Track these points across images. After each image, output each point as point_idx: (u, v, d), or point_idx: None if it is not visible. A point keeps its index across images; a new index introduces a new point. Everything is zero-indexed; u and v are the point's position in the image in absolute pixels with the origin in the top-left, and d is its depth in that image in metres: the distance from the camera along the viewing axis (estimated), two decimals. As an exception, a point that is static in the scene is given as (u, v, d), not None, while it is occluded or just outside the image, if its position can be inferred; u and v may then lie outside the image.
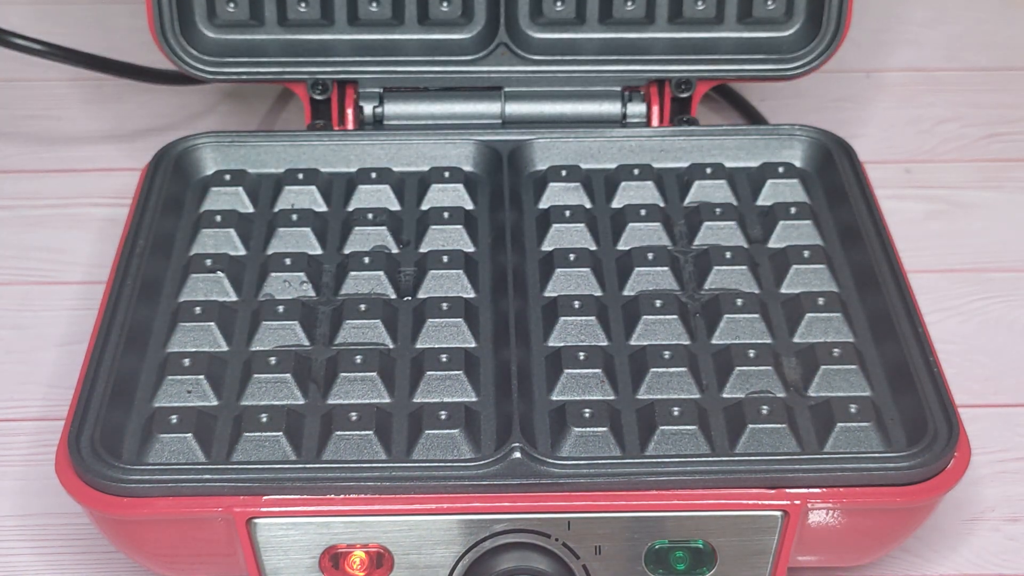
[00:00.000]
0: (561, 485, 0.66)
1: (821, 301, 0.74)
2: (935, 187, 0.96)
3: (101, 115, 1.02)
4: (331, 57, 0.88)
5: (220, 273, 0.77)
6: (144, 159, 0.85)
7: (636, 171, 0.83)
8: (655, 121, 0.87)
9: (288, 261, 0.77)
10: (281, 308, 0.74)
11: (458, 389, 0.71)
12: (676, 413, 0.69)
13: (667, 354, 0.72)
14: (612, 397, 0.71)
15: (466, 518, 0.66)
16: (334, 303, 0.76)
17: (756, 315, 0.74)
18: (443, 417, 0.69)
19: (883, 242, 0.77)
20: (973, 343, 0.85)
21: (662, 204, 0.82)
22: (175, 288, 0.77)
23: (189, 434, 0.68)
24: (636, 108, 0.87)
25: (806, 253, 0.77)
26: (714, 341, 0.74)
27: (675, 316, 0.74)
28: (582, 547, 0.66)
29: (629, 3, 0.87)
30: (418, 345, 0.74)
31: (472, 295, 0.77)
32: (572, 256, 0.78)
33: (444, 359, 0.72)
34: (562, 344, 0.73)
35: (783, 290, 0.77)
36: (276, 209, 0.82)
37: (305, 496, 0.65)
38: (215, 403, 0.71)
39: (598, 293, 0.77)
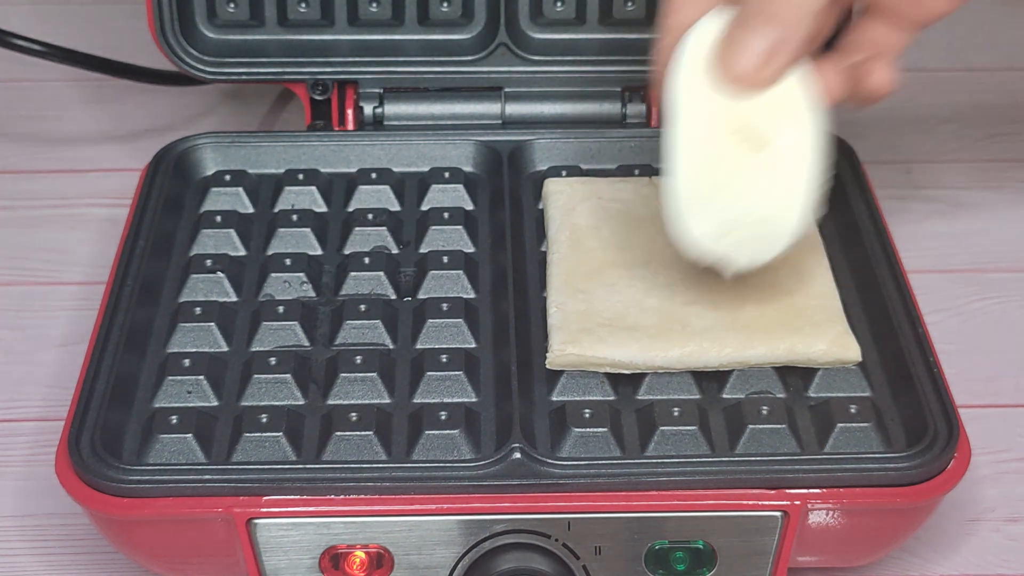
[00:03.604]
0: (561, 485, 0.66)
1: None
2: (935, 187, 0.96)
3: (101, 115, 1.02)
4: (331, 57, 0.88)
5: (220, 273, 0.77)
6: (144, 159, 0.85)
7: (636, 171, 0.83)
8: (655, 121, 0.87)
9: (288, 261, 0.77)
10: (281, 308, 0.74)
11: (458, 389, 0.71)
12: (676, 413, 0.69)
13: (667, 354, 0.72)
14: (612, 397, 0.71)
15: (466, 518, 0.66)
16: (334, 303, 0.76)
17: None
18: (443, 417, 0.69)
19: (883, 242, 0.77)
20: (973, 343, 0.85)
21: (662, 204, 0.82)
22: (175, 288, 0.77)
23: (189, 434, 0.68)
24: (636, 108, 0.87)
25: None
26: (714, 341, 0.74)
27: (675, 316, 0.74)
28: (582, 547, 0.66)
29: (629, 3, 0.87)
30: (418, 345, 0.74)
31: (472, 295, 0.77)
32: (572, 256, 0.78)
33: (444, 359, 0.72)
34: (562, 344, 0.73)
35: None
36: (276, 209, 0.82)
37: (305, 496, 0.65)
38: (215, 403, 0.71)
39: (598, 293, 0.77)
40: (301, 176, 0.83)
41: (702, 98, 0.66)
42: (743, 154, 0.66)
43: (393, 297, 0.77)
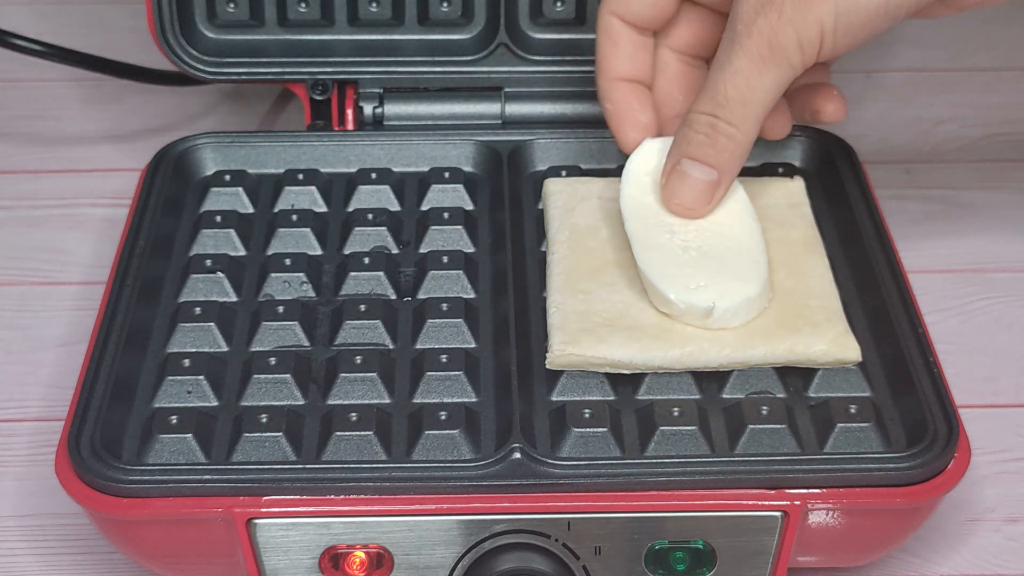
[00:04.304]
0: (561, 485, 0.66)
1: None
2: (935, 187, 0.96)
3: (101, 115, 1.02)
4: (331, 57, 0.88)
5: (220, 273, 0.77)
6: (144, 159, 0.85)
7: (636, 171, 0.83)
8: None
9: (288, 261, 0.77)
10: (281, 308, 0.74)
11: (458, 389, 0.71)
12: (676, 413, 0.69)
13: (667, 354, 0.72)
14: (612, 397, 0.71)
15: (466, 518, 0.66)
16: (334, 303, 0.76)
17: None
18: (443, 417, 0.69)
19: (883, 242, 0.77)
20: (973, 343, 0.85)
21: (662, 204, 0.82)
22: (175, 288, 0.77)
23: (189, 434, 0.68)
24: (636, 108, 0.87)
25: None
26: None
27: (675, 316, 0.74)
28: (582, 547, 0.66)
29: (629, 3, 0.87)
30: (418, 345, 0.74)
31: (472, 295, 0.77)
32: (572, 256, 0.78)
33: (444, 359, 0.72)
34: (562, 344, 0.73)
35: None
36: (276, 209, 0.82)
37: (305, 496, 0.65)
38: (215, 403, 0.71)
39: (598, 293, 0.77)
40: (301, 176, 0.83)
41: (646, 206, 0.74)
42: (686, 238, 0.73)
43: (393, 297, 0.77)
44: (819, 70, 0.79)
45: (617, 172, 0.83)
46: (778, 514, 0.66)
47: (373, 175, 0.83)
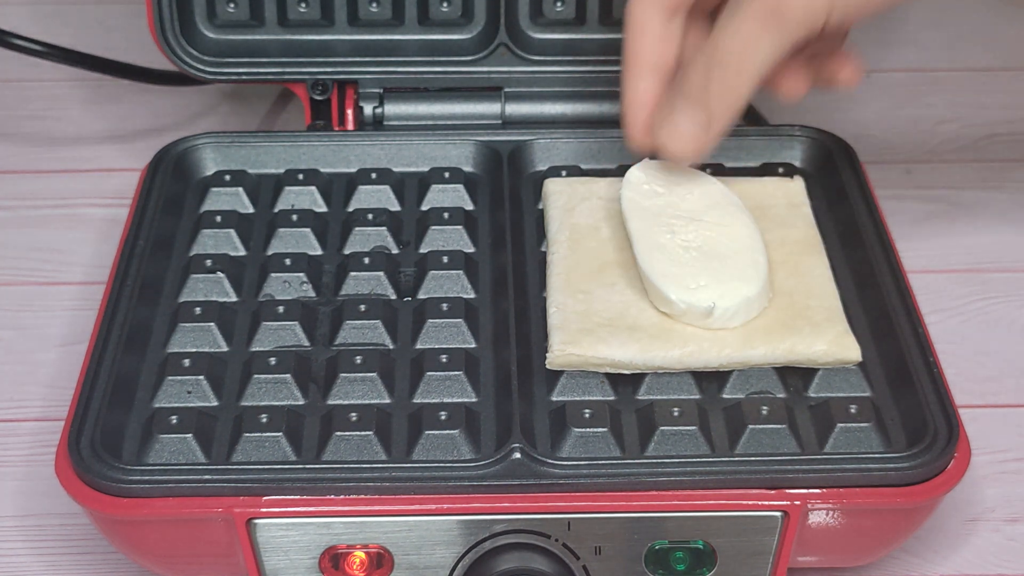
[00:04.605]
0: (561, 485, 0.66)
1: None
2: (935, 187, 0.96)
3: (101, 115, 1.02)
4: (331, 57, 0.88)
5: (220, 273, 0.77)
6: (144, 159, 0.85)
7: (636, 171, 0.83)
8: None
9: (288, 261, 0.77)
10: (281, 308, 0.74)
11: (458, 389, 0.71)
12: (676, 413, 0.69)
13: (667, 354, 0.72)
14: (612, 397, 0.71)
15: (466, 518, 0.66)
16: (334, 303, 0.76)
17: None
18: (443, 417, 0.69)
19: (883, 242, 0.77)
20: (973, 343, 0.85)
21: (662, 204, 0.82)
22: (175, 288, 0.77)
23: (189, 434, 0.68)
24: (636, 108, 0.87)
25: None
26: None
27: (675, 316, 0.74)
28: (582, 547, 0.66)
29: (629, 3, 0.87)
30: (418, 345, 0.74)
31: (472, 295, 0.77)
32: (572, 256, 0.78)
33: (444, 359, 0.72)
34: (562, 344, 0.73)
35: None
36: (276, 209, 0.82)
37: (305, 496, 0.65)
38: (215, 403, 0.71)
39: (598, 293, 0.77)
40: (301, 176, 0.83)
41: (646, 208, 0.75)
42: (687, 238, 0.73)
43: (393, 297, 0.77)
44: (835, 36, 0.78)
45: (617, 172, 0.83)
46: (778, 514, 0.66)
47: (373, 175, 0.83)
